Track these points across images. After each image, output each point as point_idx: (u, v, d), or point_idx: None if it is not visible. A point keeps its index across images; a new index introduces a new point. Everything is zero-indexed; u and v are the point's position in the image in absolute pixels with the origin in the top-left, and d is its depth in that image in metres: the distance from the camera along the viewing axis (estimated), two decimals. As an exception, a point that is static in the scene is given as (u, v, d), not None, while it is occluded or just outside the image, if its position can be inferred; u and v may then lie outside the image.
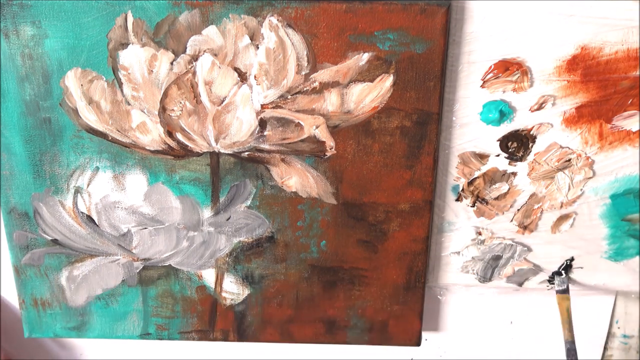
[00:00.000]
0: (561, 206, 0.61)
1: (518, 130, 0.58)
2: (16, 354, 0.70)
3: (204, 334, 0.66)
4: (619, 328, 0.70)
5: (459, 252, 0.64)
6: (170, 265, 0.63)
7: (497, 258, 0.64)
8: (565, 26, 0.53)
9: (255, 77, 0.54)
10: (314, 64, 0.54)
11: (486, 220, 0.62)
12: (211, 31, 0.53)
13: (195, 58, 0.53)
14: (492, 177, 0.60)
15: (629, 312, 0.69)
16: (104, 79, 0.54)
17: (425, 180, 0.58)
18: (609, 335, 0.70)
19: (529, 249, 0.63)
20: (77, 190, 0.59)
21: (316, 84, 0.54)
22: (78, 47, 0.53)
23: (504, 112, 0.56)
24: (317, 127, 0.56)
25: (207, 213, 0.60)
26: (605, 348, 0.71)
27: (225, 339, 0.66)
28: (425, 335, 0.70)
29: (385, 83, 0.54)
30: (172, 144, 0.57)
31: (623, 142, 0.58)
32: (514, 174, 0.60)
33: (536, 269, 0.64)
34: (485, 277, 0.65)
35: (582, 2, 0.52)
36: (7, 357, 0.67)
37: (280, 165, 0.58)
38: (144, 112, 0.55)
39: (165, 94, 0.54)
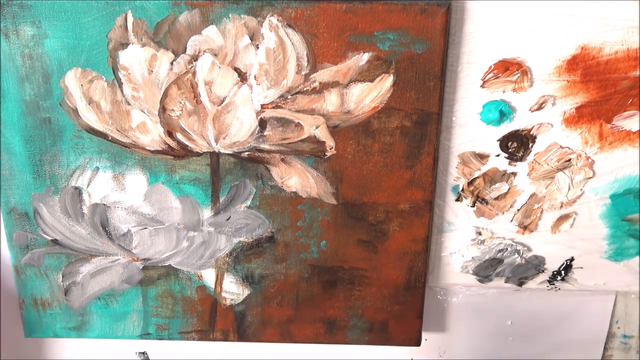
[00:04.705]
0: (561, 206, 0.61)
1: (518, 130, 0.58)
2: (16, 354, 0.70)
3: (204, 334, 0.66)
4: (619, 328, 0.70)
5: (459, 252, 0.64)
6: (170, 265, 0.63)
7: (497, 258, 0.64)
8: (565, 26, 0.53)
9: (255, 77, 0.54)
10: (314, 64, 0.54)
11: (486, 220, 0.62)
12: (211, 31, 0.53)
13: (195, 58, 0.53)
14: (492, 177, 0.60)
15: (629, 312, 0.69)
16: (104, 79, 0.54)
17: (425, 180, 0.58)
18: (609, 335, 0.70)
19: (529, 249, 0.63)
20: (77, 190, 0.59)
21: (316, 84, 0.54)
22: (78, 47, 0.53)
23: (504, 112, 0.56)
24: (317, 127, 0.56)
25: (207, 213, 0.60)
26: (605, 348, 0.71)
27: (225, 339, 0.66)
28: (425, 335, 0.70)
29: (385, 83, 0.54)
30: (172, 144, 0.57)
31: (623, 142, 0.58)
32: (514, 174, 0.60)
33: (536, 269, 0.65)
34: (485, 277, 0.65)
35: (582, 2, 0.52)
36: (7, 357, 0.67)
37: (280, 165, 0.58)
38: (144, 112, 0.55)
39: (165, 94, 0.54)
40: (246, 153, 0.57)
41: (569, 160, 0.59)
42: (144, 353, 0.55)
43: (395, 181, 0.58)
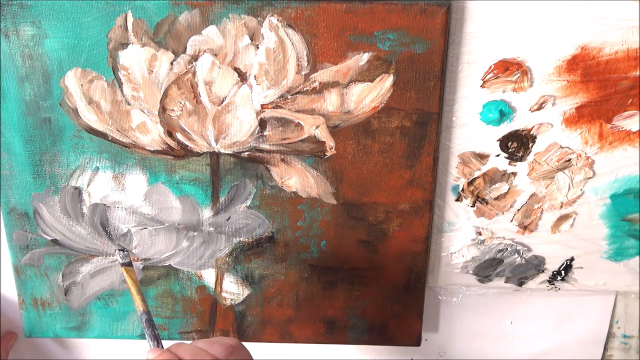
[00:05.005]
0: (561, 206, 0.61)
1: (518, 130, 0.58)
2: (16, 354, 0.70)
3: (204, 334, 0.66)
4: (619, 328, 0.70)
5: (459, 252, 0.64)
6: (170, 265, 0.63)
7: (497, 258, 0.64)
8: (565, 26, 0.53)
9: (255, 77, 0.54)
10: (314, 64, 0.54)
11: (486, 220, 0.62)
12: (211, 31, 0.53)
13: (195, 58, 0.53)
14: (492, 177, 0.60)
15: (629, 312, 0.69)
16: (104, 79, 0.54)
17: (425, 180, 0.58)
18: (609, 335, 0.70)
19: (529, 249, 0.63)
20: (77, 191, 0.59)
21: (316, 84, 0.54)
22: (78, 47, 0.53)
23: (504, 112, 0.56)
24: (317, 127, 0.56)
25: (207, 213, 0.60)
26: (605, 348, 0.71)
27: (225, 339, 0.66)
28: (425, 335, 0.70)
29: (385, 83, 0.54)
30: (172, 144, 0.57)
31: (623, 142, 0.58)
32: (514, 174, 0.60)
33: (536, 269, 0.65)
34: (485, 277, 0.65)
35: (582, 2, 0.52)
36: (7, 357, 0.67)
37: (280, 165, 0.58)
38: (144, 112, 0.55)
39: (165, 94, 0.54)
40: (246, 153, 0.57)
41: (569, 160, 0.59)
42: (123, 250, 0.55)
43: (395, 181, 0.58)
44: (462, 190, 0.60)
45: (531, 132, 0.58)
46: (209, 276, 0.63)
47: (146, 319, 0.51)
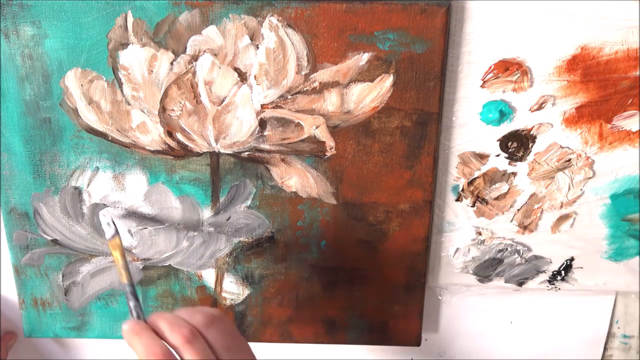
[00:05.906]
0: (561, 206, 0.61)
1: (518, 130, 0.58)
2: (16, 354, 0.70)
3: (204, 334, 0.66)
4: (619, 328, 0.70)
5: (459, 252, 0.64)
6: (170, 265, 0.63)
7: (498, 258, 0.64)
8: (565, 26, 0.53)
9: (255, 77, 0.54)
10: (314, 64, 0.54)
11: (486, 220, 0.62)
12: (211, 31, 0.53)
13: (195, 58, 0.53)
14: (492, 177, 0.60)
15: (629, 312, 0.69)
16: (104, 79, 0.54)
17: (425, 180, 0.58)
18: (609, 335, 0.70)
19: (529, 249, 0.63)
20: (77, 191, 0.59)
21: (316, 84, 0.54)
22: (78, 47, 0.53)
23: (504, 112, 0.56)
24: (317, 127, 0.56)
25: (207, 213, 0.60)
26: (605, 348, 0.71)
27: (225, 339, 0.66)
28: (425, 335, 0.70)
29: (385, 83, 0.54)
30: (172, 144, 0.57)
31: (623, 142, 0.58)
32: (514, 174, 0.60)
33: (536, 269, 0.65)
34: (485, 277, 0.65)
35: (582, 2, 0.52)
36: (7, 357, 0.67)
37: (280, 165, 0.58)
38: (144, 112, 0.55)
39: (165, 94, 0.54)
40: (246, 153, 0.57)
41: (569, 160, 0.59)
42: (112, 223, 0.53)
43: (395, 181, 0.58)
44: (462, 190, 0.60)
45: (531, 132, 0.58)
46: (209, 276, 0.63)
47: (130, 290, 0.50)
